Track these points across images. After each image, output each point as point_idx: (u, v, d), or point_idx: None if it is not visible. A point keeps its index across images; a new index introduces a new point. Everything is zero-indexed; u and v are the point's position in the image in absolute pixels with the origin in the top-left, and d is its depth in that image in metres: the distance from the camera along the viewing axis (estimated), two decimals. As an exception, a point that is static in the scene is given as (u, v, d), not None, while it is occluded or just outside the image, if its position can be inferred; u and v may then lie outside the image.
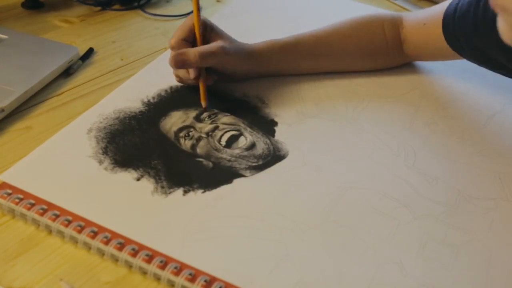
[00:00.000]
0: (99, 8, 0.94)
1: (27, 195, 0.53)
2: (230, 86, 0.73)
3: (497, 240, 0.54)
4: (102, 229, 0.50)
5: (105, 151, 0.60)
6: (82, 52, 0.79)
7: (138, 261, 0.48)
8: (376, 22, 0.78)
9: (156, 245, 0.49)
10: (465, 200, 0.59)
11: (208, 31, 0.69)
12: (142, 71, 0.75)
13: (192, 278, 0.47)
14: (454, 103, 0.75)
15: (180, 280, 0.47)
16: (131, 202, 0.54)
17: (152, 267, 0.47)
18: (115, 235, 0.50)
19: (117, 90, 0.71)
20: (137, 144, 0.62)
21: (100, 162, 0.58)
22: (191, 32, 0.67)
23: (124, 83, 0.72)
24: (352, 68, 0.79)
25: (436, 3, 1.11)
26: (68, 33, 0.85)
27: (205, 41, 0.68)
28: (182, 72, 0.69)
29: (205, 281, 0.47)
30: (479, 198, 0.59)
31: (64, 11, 0.92)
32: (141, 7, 0.96)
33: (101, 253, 0.49)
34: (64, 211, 0.52)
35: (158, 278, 0.48)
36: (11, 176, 0.55)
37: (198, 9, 0.67)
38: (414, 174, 0.62)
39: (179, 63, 0.65)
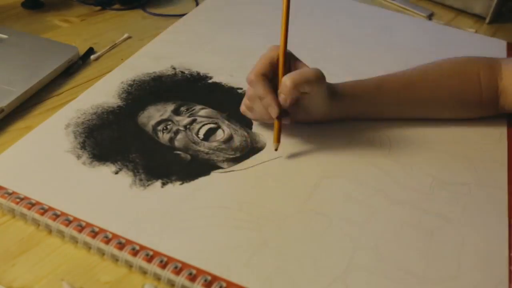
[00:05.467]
0: (99, 7, 0.94)
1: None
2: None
3: (470, 224, 0.56)
4: (102, 229, 0.50)
5: (83, 146, 0.60)
6: (82, 52, 0.78)
7: (138, 261, 0.48)
8: (471, 68, 0.70)
9: (134, 237, 0.50)
10: (439, 186, 0.60)
11: (292, 61, 0.62)
12: (119, 67, 0.75)
13: (193, 277, 0.47)
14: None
15: (180, 279, 0.46)
16: (110, 196, 0.54)
17: (153, 267, 0.47)
18: (115, 235, 0.50)
19: (95, 86, 0.71)
20: (115, 138, 0.62)
21: (78, 156, 0.59)
22: (272, 65, 0.60)
23: (101, 79, 0.72)
24: (440, 117, 0.71)
25: (435, 2, 1.10)
26: (68, 33, 0.85)
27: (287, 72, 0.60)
28: (258, 111, 0.63)
29: (206, 280, 0.47)
30: (453, 183, 0.61)
31: (64, 11, 0.91)
32: (142, 6, 0.95)
33: (101, 252, 0.49)
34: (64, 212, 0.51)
35: (158, 278, 0.47)
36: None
37: (286, 32, 0.61)
38: (389, 162, 0.63)
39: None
